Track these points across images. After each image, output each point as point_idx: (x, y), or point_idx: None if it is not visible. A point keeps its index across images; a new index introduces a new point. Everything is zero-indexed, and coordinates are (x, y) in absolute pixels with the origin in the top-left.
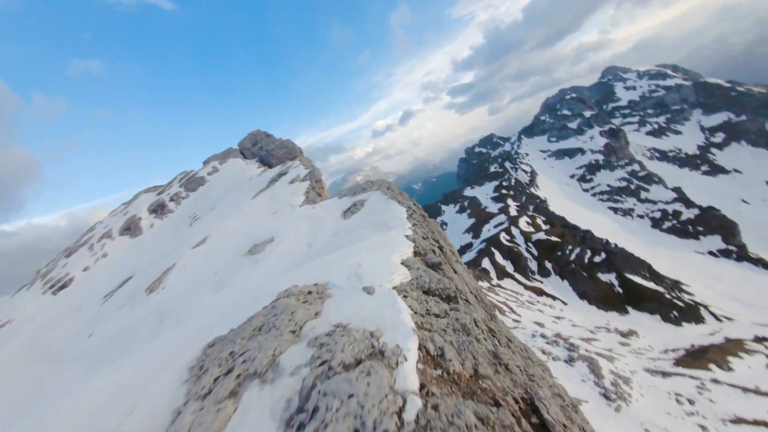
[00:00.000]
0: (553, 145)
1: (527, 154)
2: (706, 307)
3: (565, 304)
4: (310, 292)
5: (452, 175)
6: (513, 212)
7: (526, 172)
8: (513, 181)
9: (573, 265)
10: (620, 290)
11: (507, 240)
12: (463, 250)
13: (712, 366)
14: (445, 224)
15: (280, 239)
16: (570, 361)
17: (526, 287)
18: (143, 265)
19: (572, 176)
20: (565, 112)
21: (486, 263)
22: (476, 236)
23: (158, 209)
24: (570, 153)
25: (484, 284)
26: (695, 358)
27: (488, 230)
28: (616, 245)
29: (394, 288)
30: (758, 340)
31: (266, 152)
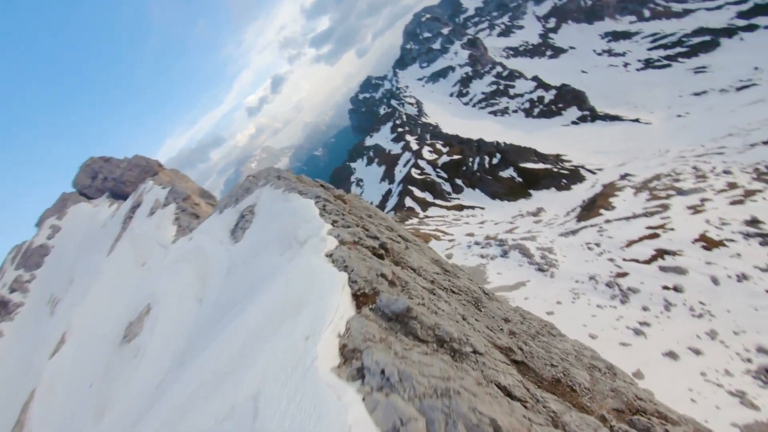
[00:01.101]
0: (426, 70)
1: (407, 87)
2: (582, 167)
3: (483, 209)
4: None
5: (348, 129)
6: (414, 146)
7: (412, 104)
8: (404, 116)
9: (478, 174)
10: (520, 179)
11: (418, 174)
12: (385, 198)
13: (601, 211)
14: (361, 181)
15: (159, 305)
16: (504, 254)
17: (449, 208)
18: (1, 398)
19: (451, 95)
20: (426, 34)
21: (409, 202)
22: (391, 181)
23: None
24: (442, 74)
25: (414, 221)
26: (589, 210)
27: (400, 171)
28: (505, 143)
29: None
30: (622, 177)
31: (114, 181)
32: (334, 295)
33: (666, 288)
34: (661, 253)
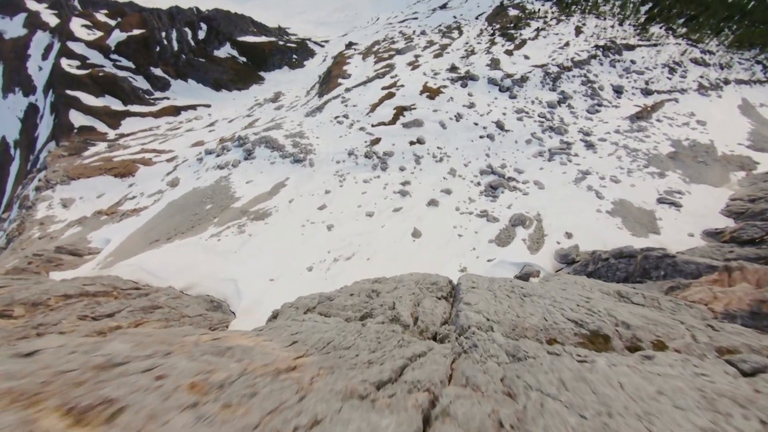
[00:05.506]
0: None
1: None
2: (309, 39)
3: (208, 106)
4: None
5: None
6: (51, 20)
7: None
8: None
9: (183, 56)
10: (244, 59)
11: (78, 67)
12: (30, 124)
13: (339, 80)
14: None
15: None
16: (249, 155)
17: (156, 115)
18: None
19: None
20: None
21: (78, 118)
22: (29, 89)
23: None
24: None
25: (99, 147)
26: (327, 82)
27: (38, 68)
28: (209, 10)
29: None
30: (348, 46)
31: None
32: None
33: (412, 143)
34: (400, 110)
